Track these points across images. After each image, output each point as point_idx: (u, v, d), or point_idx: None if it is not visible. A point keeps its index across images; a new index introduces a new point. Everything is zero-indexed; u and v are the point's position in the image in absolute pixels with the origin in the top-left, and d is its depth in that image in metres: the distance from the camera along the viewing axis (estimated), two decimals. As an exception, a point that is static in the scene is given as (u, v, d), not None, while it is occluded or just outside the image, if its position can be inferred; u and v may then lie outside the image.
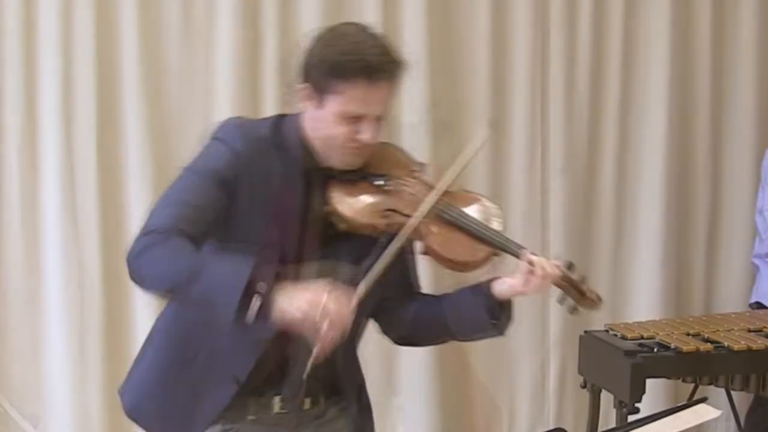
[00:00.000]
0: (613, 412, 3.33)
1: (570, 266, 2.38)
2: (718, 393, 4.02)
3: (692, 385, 3.97)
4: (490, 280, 2.35)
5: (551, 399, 4.64)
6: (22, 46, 4.03)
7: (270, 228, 2.22)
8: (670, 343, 3.31)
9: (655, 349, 3.30)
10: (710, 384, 3.51)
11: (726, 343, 3.31)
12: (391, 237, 2.24)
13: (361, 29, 2.29)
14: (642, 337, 3.40)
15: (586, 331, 3.60)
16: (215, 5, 4.16)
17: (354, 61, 2.18)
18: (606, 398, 3.54)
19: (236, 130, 2.29)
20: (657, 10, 4.58)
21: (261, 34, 4.21)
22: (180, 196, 2.21)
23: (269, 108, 4.17)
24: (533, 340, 4.59)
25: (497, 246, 2.32)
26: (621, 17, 4.58)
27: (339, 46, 2.21)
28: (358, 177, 2.30)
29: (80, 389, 4.13)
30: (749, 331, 3.47)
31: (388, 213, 2.28)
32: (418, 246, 2.34)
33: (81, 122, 4.08)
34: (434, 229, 2.29)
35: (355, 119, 2.21)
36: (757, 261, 4.15)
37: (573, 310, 2.40)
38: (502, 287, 2.33)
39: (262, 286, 2.01)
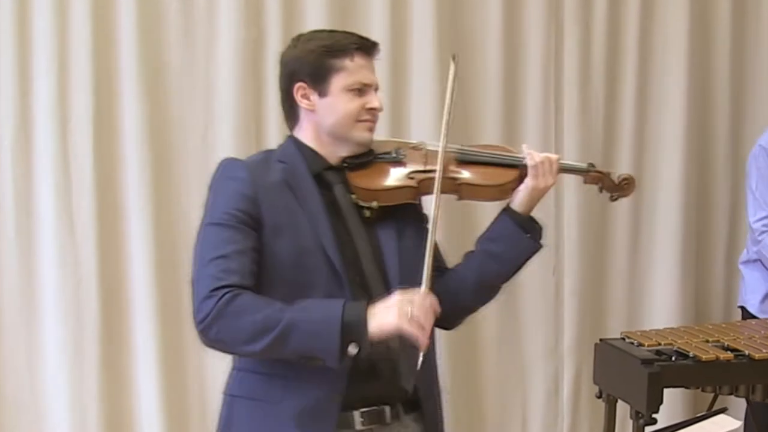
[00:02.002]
0: (630, 423, 3.32)
1: (592, 165, 2.65)
2: (739, 403, 4.00)
3: (711, 395, 3.96)
4: (507, 204, 2.54)
5: (565, 409, 4.64)
6: (16, 42, 4.02)
7: (308, 234, 2.34)
8: (688, 352, 3.30)
9: (673, 358, 3.30)
10: (730, 394, 3.49)
11: (747, 352, 3.30)
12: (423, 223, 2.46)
13: (324, 29, 2.56)
14: (659, 345, 3.39)
15: (601, 339, 3.59)
16: (216, 2, 4.17)
17: (344, 38, 2.43)
18: (622, 409, 3.53)
19: (233, 162, 2.42)
20: (675, 3, 4.57)
21: (263, 33, 4.22)
22: (220, 251, 2.29)
23: (272, 109, 4.19)
24: (546, 347, 4.58)
25: (519, 165, 2.52)
26: (637, 11, 4.59)
27: (319, 37, 2.44)
28: (370, 160, 2.49)
29: (77, 399, 4.12)
30: (771, 338, 3.46)
31: (414, 174, 2.48)
32: (452, 194, 2.51)
33: (77, 122, 4.07)
34: (459, 170, 2.50)
35: (360, 92, 2.42)
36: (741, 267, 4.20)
37: (612, 198, 2.70)
38: (518, 199, 2.51)
39: (354, 327, 2.22)
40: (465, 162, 2.53)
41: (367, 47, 2.44)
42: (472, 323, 2.71)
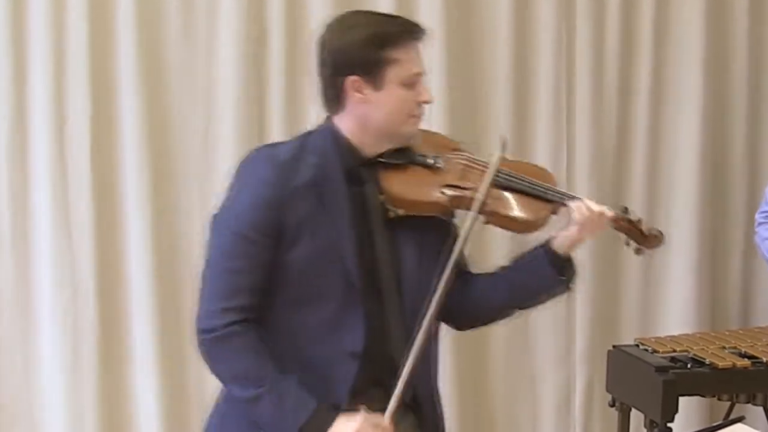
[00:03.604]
0: (644, 432, 3.32)
1: (626, 210, 2.59)
2: (756, 412, 3.98)
3: (728, 404, 3.95)
4: (546, 240, 2.49)
5: (577, 418, 4.61)
6: (11, 40, 4.01)
7: (325, 236, 2.33)
8: (704, 359, 3.30)
9: (689, 365, 3.30)
10: (748, 402, 3.51)
11: (765, 359, 3.31)
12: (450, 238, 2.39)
13: (365, 10, 2.55)
14: (674, 352, 3.41)
15: (614, 346, 3.60)
16: (218, -1, 4.16)
17: (393, 25, 2.38)
18: (636, 417, 3.53)
19: (259, 162, 2.40)
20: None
21: (266, 30, 4.21)
22: (228, 264, 2.33)
23: (274, 108, 4.21)
24: (558, 354, 4.57)
25: (556, 200, 2.48)
26: (651, 10, 4.57)
27: (366, 24, 2.37)
28: (407, 161, 2.44)
29: (74, 406, 4.12)
30: (790, 345, 3.45)
31: (447, 189, 2.42)
32: (481, 216, 2.45)
33: (74, 122, 4.07)
34: (494, 194, 2.43)
35: (411, 84, 2.37)
36: None
37: (639, 252, 2.65)
38: (560, 241, 2.47)
39: None
40: (501, 186, 2.46)
41: (417, 33, 2.38)
42: (481, 329, 2.70)
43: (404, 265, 2.41)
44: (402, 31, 2.36)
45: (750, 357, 3.33)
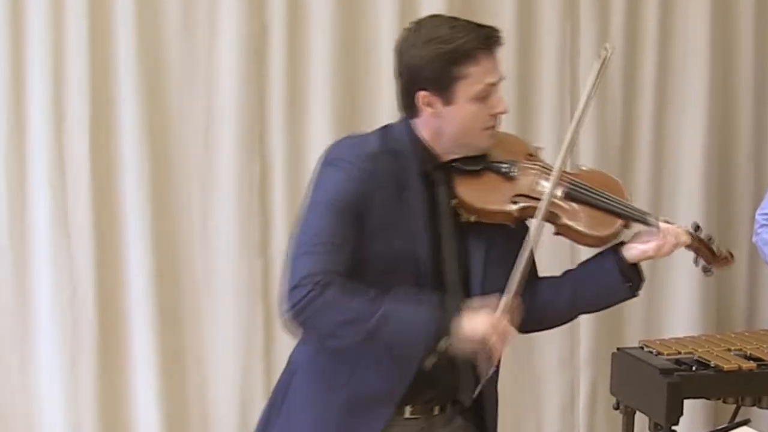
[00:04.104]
0: (648, 435, 3.32)
1: (697, 228, 2.62)
2: (762, 415, 3.98)
3: (733, 407, 3.94)
4: (616, 247, 2.53)
5: (581, 421, 4.61)
6: (9, 38, 3.99)
7: (402, 236, 2.39)
8: (709, 361, 3.30)
9: (694, 368, 3.30)
10: (753, 405, 3.50)
11: (770, 361, 3.29)
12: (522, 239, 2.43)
13: (441, 16, 2.52)
14: (679, 354, 3.41)
15: (618, 348, 3.60)
16: (218, -5, 4.16)
17: (467, 39, 2.37)
18: (640, 420, 3.52)
19: (352, 148, 2.44)
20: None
21: (267, 27, 4.19)
22: (320, 238, 2.34)
23: (276, 107, 4.20)
24: (562, 356, 4.56)
25: (628, 216, 2.51)
26: (656, 9, 4.57)
27: (437, 39, 2.38)
28: (481, 167, 2.47)
29: (72, 410, 4.10)
30: (796, 347, 3.45)
31: (518, 198, 2.45)
32: (551, 227, 2.50)
33: (72, 122, 4.05)
34: (565, 206, 2.46)
35: (485, 96, 2.40)
36: None
37: (706, 271, 2.67)
38: (631, 252, 2.52)
39: (447, 329, 2.29)
40: (574, 198, 2.48)
41: (491, 44, 2.41)
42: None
43: (471, 269, 2.47)
44: (477, 44, 2.38)
45: (755, 359, 3.33)
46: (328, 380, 2.47)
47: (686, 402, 3.25)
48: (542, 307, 2.56)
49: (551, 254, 2.77)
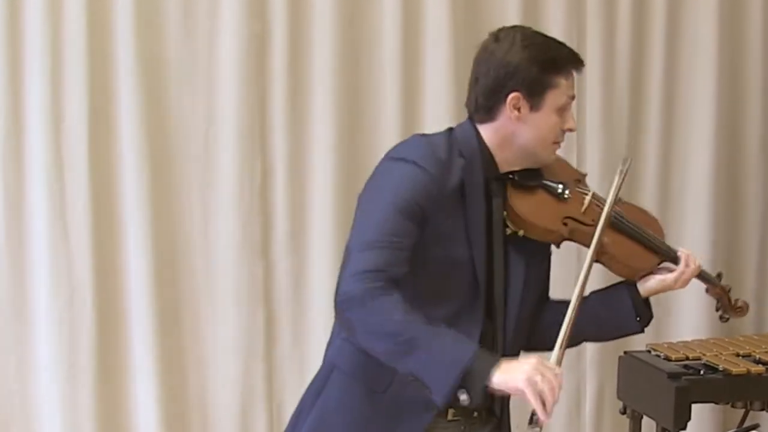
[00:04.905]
0: (655, 440, 3.31)
1: (720, 275, 2.81)
2: (771, 420, 3.98)
3: (742, 411, 3.92)
4: (630, 281, 2.63)
5: (587, 426, 4.60)
6: (6, 36, 3.99)
7: (463, 243, 2.43)
8: (718, 365, 3.30)
9: (702, 372, 3.30)
10: (762, 409, 3.50)
11: (780, 365, 3.29)
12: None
13: (529, 28, 2.58)
14: (687, 358, 3.41)
15: (625, 352, 3.60)
16: (218, -6, 4.15)
17: (563, 53, 2.48)
18: (648, 425, 3.52)
19: (424, 149, 2.44)
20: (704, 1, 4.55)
21: (268, 28, 4.19)
22: (385, 237, 2.34)
23: (277, 108, 4.19)
24: (567, 360, 4.47)
25: (664, 255, 2.63)
26: (663, 9, 4.56)
27: (537, 45, 2.45)
28: (536, 183, 2.53)
29: (70, 414, 4.09)
30: (806, 351, 3.44)
31: (568, 221, 2.53)
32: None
33: (71, 122, 4.04)
34: (611, 237, 2.56)
35: (563, 109, 2.48)
36: None
37: (722, 319, 2.87)
38: (648, 284, 2.62)
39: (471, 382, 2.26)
40: (617, 229, 2.59)
41: (580, 65, 2.52)
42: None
43: (511, 283, 2.52)
44: (571, 59, 2.48)
45: (765, 363, 3.33)
46: (370, 382, 2.47)
47: (694, 407, 3.25)
48: (548, 328, 2.55)
49: (557, 263, 2.73)
